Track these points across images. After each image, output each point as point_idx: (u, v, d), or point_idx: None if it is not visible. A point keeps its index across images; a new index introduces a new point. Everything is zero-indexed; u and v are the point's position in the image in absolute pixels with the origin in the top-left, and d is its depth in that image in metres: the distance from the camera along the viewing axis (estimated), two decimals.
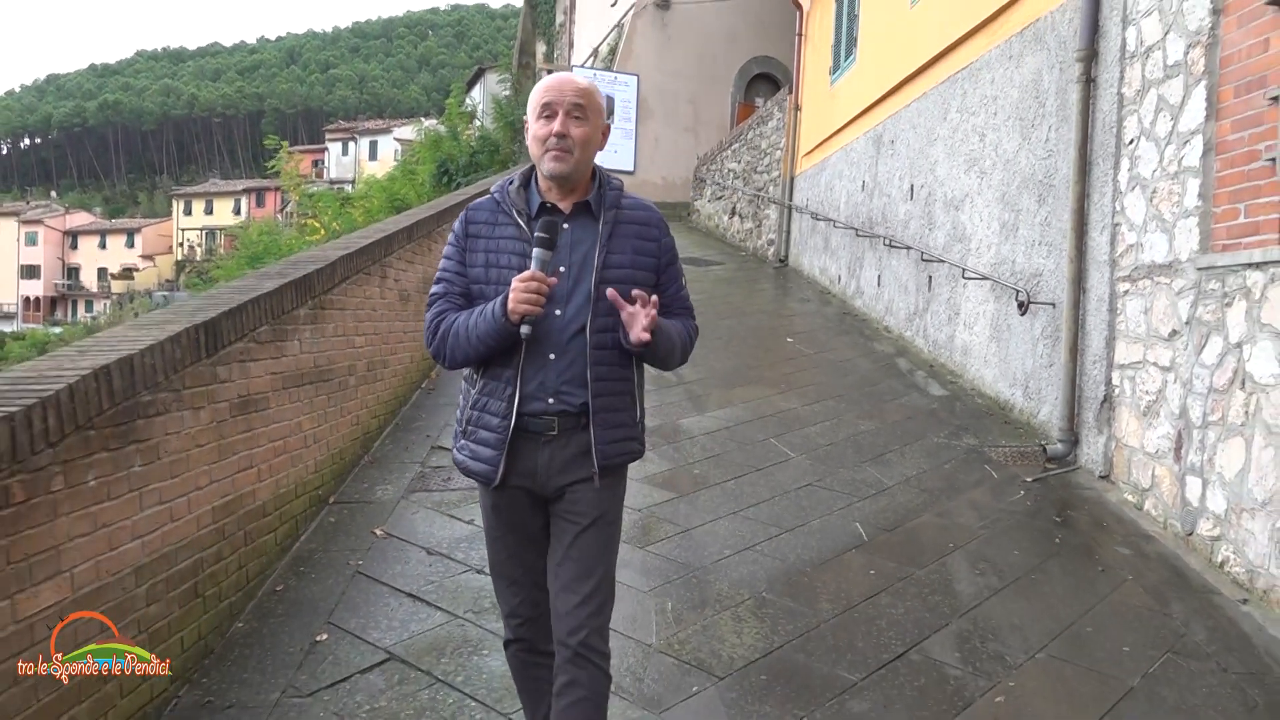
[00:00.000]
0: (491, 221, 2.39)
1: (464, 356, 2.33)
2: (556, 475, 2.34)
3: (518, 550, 2.43)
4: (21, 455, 2.39)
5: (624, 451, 2.41)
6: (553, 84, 2.36)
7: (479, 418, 2.36)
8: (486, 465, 2.33)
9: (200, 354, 3.43)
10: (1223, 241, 4.27)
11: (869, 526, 4.65)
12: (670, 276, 2.47)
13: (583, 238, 2.35)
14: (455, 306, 2.38)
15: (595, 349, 2.30)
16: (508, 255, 2.34)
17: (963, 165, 7.63)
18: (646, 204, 2.50)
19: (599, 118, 2.37)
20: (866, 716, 3.10)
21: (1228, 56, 4.28)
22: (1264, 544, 3.82)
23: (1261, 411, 3.88)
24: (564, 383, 2.30)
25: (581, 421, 2.32)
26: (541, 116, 2.33)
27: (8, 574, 2.35)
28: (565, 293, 2.30)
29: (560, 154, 2.29)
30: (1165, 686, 3.29)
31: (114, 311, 60.32)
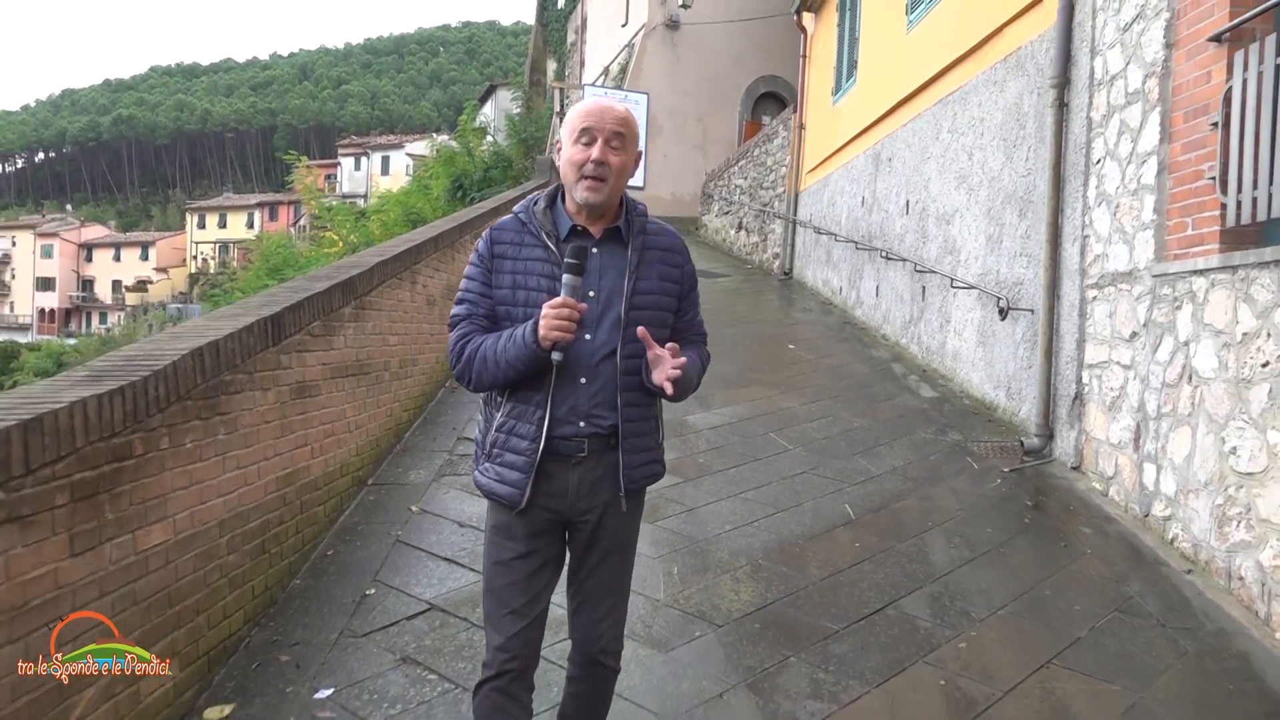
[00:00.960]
0: (517, 242, 2.37)
1: (491, 380, 2.32)
2: (585, 497, 2.36)
3: (528, 577, 2.39)
4: (140, 417, 2.90)
5: (649, 474, 2.46)
6: (594, 109, 2.34)
7: (506, 440, 2.35)
8: (513, 488, 2.33)
9: (268, 342, 3.95)
10: (1174, 251, 4.76)
11: (857, 508, 5.14)
12: (690, 302, 2.52)
13: (611, 263, 2.36)
14: (480, 328, 2.36)
15: (625, 374, 2.33)
16: (535, 277, 2.33)
17: (953, 182, 8.14)
18: (670, 229, 2.51)
19: (635, 146, 2.39)
20: (845, 656, 3.58)
21: (1178, 86, 4.79)
22: (1206, 520, 4.30)
23: (1204, 402, 4.36)
24: (595, 406, 2.32)
25: (610, 443, 2.35)
26: (579, 141, 2.32)
27: (131, 512, 2.85)
28: (594, 318, 2.31)
29: (596, 183, 2.30)
30: (1108, 637, 3.76)
31: (128, 323, 61.05)
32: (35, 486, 2.38)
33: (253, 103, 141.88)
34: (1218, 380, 4.26)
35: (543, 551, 2.39)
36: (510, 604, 2.37)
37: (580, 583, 2.45)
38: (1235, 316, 4.15)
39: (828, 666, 3.52)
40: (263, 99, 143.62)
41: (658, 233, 2.46)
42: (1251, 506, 3.96)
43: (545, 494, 2.34)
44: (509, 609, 2.37)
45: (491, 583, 2.42)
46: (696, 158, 21.93)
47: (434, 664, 3.47)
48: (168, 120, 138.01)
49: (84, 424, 2.58)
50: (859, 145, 11.47)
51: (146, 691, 2.93)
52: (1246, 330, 4.06)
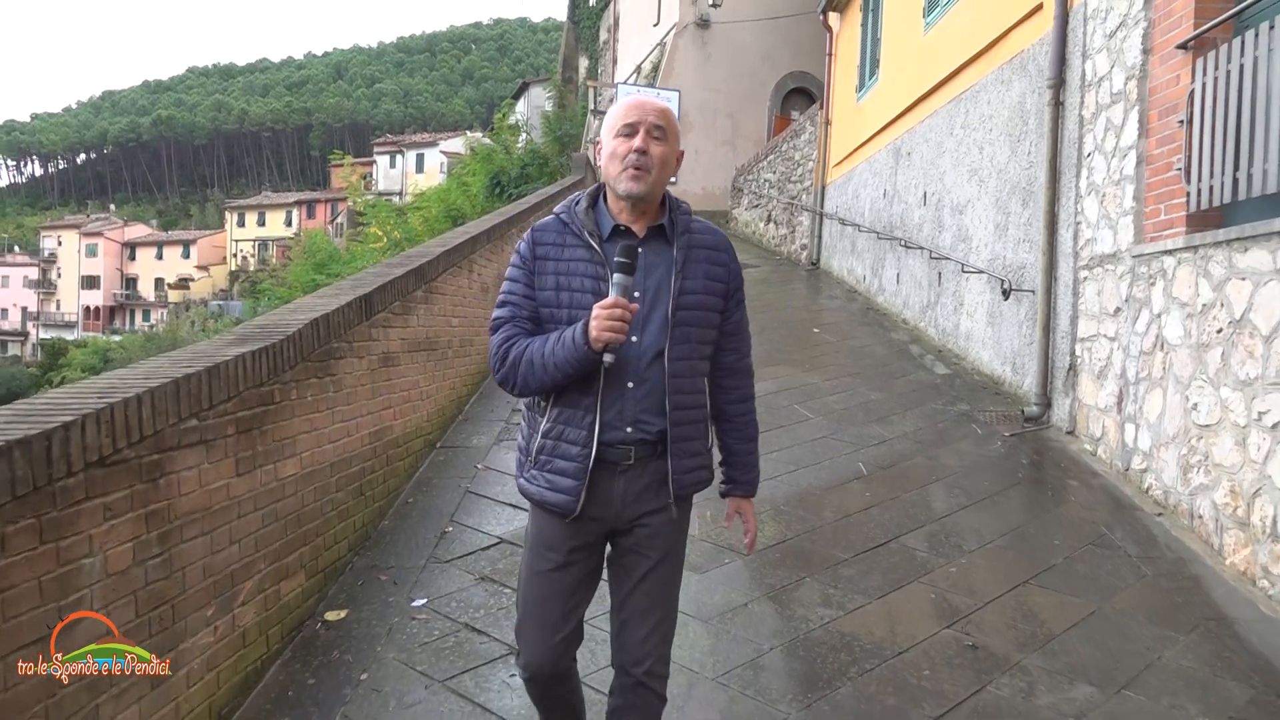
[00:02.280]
0: (559, 243, 2.33)
1: (539, 385, 2.27)
2: (633, 504, 2.31)
3: (568, 588, 2.36)
4: (278, 371, 3.62)
5: (698, 481, 2.41)
6: (635, 103, 2.33)
7: (555, 446, 2.30)
8: (566, 496, 2.28)
9: (362, 317, 4.66)
10: (1150, 234, 5.36)
11: (869, 465, 5.79)
12: (736, 301, 2.47)
13: (657, 263, 2.31)
14: (524, 331, 2.31)
15: (673, 376, 2.28)
16: (579, 278, 2.29)
17: (966, 175, 8.74)
18: (714, 228, 2.47)
19: (676, 141, 2.36)
20: (851, 578, 4.25)
21: (1153, 87, 5.39)
22: (1173, 469, 4.91)
23: (1172, 366, 4.97)
24: (642, 411, 2.28)
25: (658, 450, 2.31)
26: (621, 135, 2.30)
27: (273, 447, 3.57)
28: (641, 319, 2.26)
29: (639, 172, 2.25)
30: (1080, 564, 4.40)
31: (171, 320, 62.52)
32: (215, 418, 3.10)
33: (288, 102, 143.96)
34: (1183, 346, 4.87)
35: (583, 564, 2.36)
36: (545, 617, 2.34)
37: (625, 596, 2.37)
38: (1197, 290, 4.76)
39: (836, 585, 4.19)
40: (298, 98, 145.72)
41: (703, 231, 2.41)
42: (1208, 454, 4.57)
43: (592, 502, 2.29)
44: (543, 621, 2.34)
45: (528, 594, 2.39)
46: (727, 153, 22.54)
47: (507, 581, 4.17)
48: (206, 120, 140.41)
49: (242, 374, 3.30)
50: (881, 140, 12.06)
51: (287, 590, 3.65)
52: (1205, 302, 4.67)
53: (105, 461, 2.48)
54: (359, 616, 3.91)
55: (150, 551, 2.70)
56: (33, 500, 2.20)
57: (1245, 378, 4.28)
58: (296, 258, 35.17)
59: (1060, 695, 3.33)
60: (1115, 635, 3.75)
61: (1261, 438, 4.13)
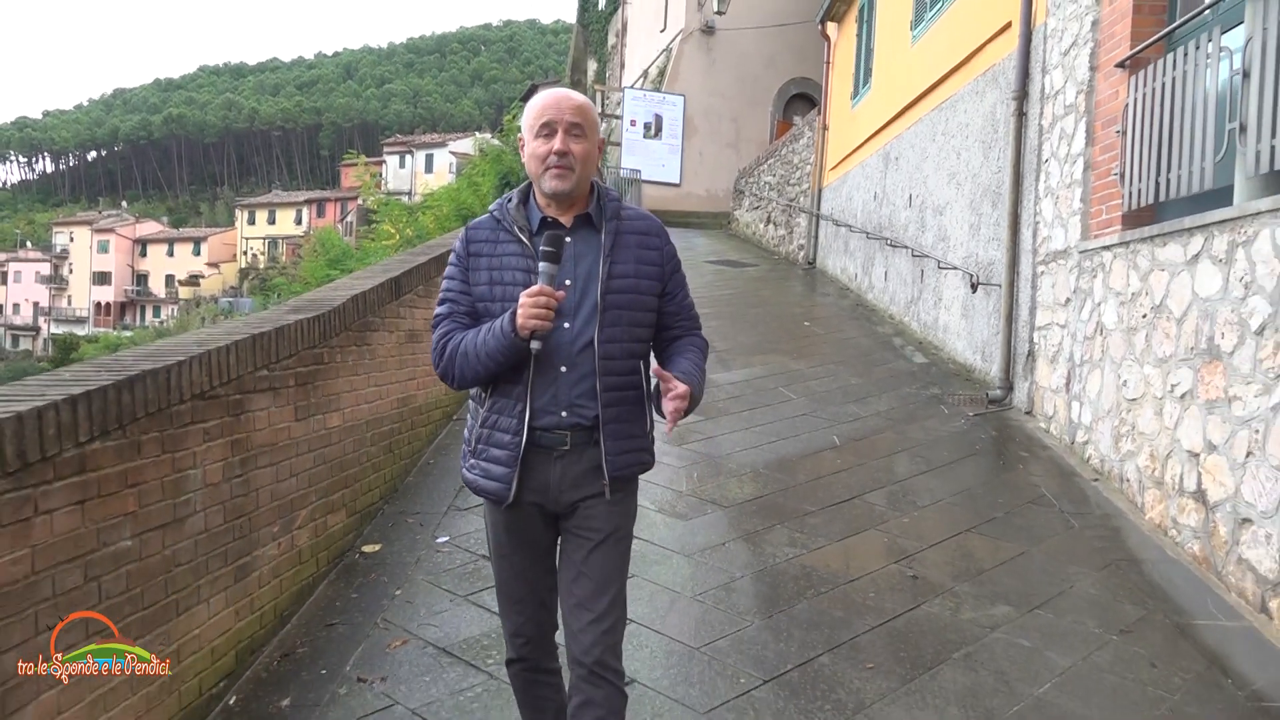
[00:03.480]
0: (493, 240, 2.40)
1: (474, 375, 2.33)
2: (569, 490, 2.35)
3: (524, 568, 2.45)
4: (327, 337, 4.27)
5: (635, 463, 2.43)
6: (549, 102, 2.35)
7: (490, 435, 2.36)
8: (499, 483, 2.34)
9: (392, 297, 5.32)
10: (1094, 232, 6.00)
11: (842, 438, 6.44)
12: (676, 283, 2.51)
13: (586, 250, 2.36)
14: (461, 326, 2.37)
15: (604, 359, 2.32)
16: (511, 271, 2.35)
17: (945, 178, 9.37)
18: (646, 214, 2.52)
19: (596, 133, 2.39)
20: (816, 525, 4.90)
21: (1098, 101, 6.03)
22: (1108, 440, 5.54)
23: (1109, 349, 5.61)
24: (576, 396, 2.32)
25: (594, 436, 2.34)
26: (540, 135, 2.33)
27: (321, 401, 4.23)
28: (572, 305, 2.31)
29: (562, 171, 2.31)
30: (1018, 518, 5.04)
31: (182, 316, 63.33)
32: (280, 371, 3.76)
33: (298, 101, 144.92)
34: (1116, 331, 5.51)
35: (536, 543, 2.44)
36: (513, 594, 2.47)
37: (570, 583, 2.39)
38: (1128, 280, 5.40)
39: (803, 530, 4.84)
40: (308, 98, 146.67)
41: (633, 216, 2.46)
42: (1134, 424, 5.21)
43: (529, 488, 2.34)
44: (513, 599, 2.47)
45: (496, 575, 2.52)
46: (730, 156, 23.18)
47: None
48: (216, 119, 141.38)
49: (300, 336, 3.95)
50: (873, 145, 12.70)
51: (332, 523, 4.31)
52: (1134, 290, 5.31)
53: (204, 395, 3.13)
54: (391, 550, 4.57)
55: (234, 472, 3.36)
56: (157, 418, 2.85)
57: (1163, 355, 4.91)
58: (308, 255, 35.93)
59: (982, 612, 3.97)
60: (1037, 571, 4.39)
61: (1173, 407, 4.76)
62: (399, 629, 3.79)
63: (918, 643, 3.72)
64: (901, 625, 3.86)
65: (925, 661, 3.57)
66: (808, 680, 3.41)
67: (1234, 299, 4.27)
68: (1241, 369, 4.17)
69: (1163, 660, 3.60)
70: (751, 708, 3.23)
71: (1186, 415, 4.63)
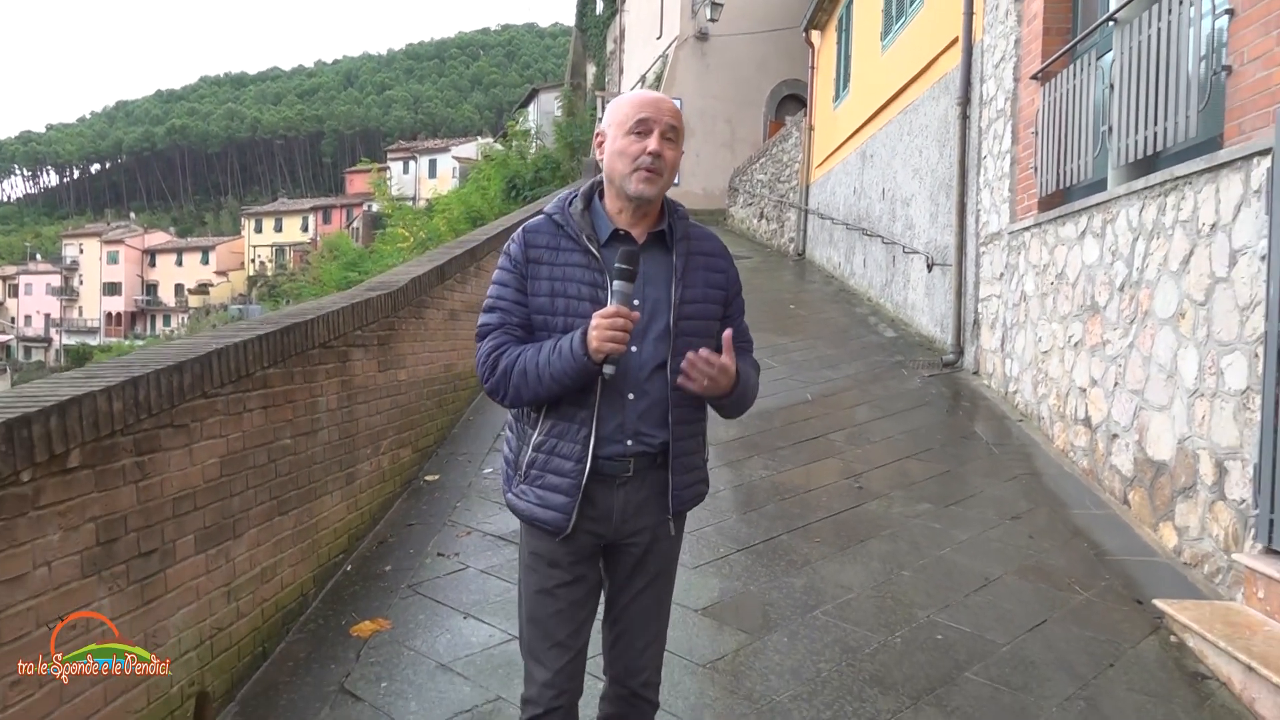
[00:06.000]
0: (553, 246, 2.22)
1: (532, 396, 2.16)
2: (631, 519, 2.24)
3: (571, 608, 2.27)
4: (396, 309, 5.46)
5: (696, 495, 2.35)
6: (648, 100, 2.23)
7: (547, 461, 2.20)
8: (558, 513, 2.19)
9: (438, 280, 6.51)
10: (1018, 216, 7.18)
11: (814, 394, 7.63)
12: (736, 308, 2.41)
13: (656, 270, 2.22)
14: (515, 339, 2.20)
15: (675, 389, 2.19)
16: (575, 284, 2.18)
17: (910, 174, 10.55)
18: (710, 233, 2.40)
19: (683, 143, 2.28)
20: (785, 454, 6.08)
21: (1020, 107, 7.21)
22: (1029, 387, 6.72)
23: (1029, 313, 6.79)
24: (643, 423, 2.20)
25: (658, 462, 2.23)
26: (633, 132, 2.18)
27: (393, 359, 5.42)
28: (641, 329, 2.16)
29: (652, 175, 2.17)
30: (951, 448, 6.23)
31: (192, 324, 64.57)
32: (368, 333, 4.95)
33: (300, 110, 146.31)
34: (1034, 297, 6.69)
35: (587, 579, 2.29)
36: (556, 635, 2.26)
37: (620, 610, 2.33)
38: (1040, 255, 6.58)
39: (775, 459, 6.03)
40: (309, 106, 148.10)
41: (701, 237, 2.34)
42: (1046, 372, 6.38)
43: (588, 517, 2.21)
44: (554, 641, 2.26)
45: (535, 613, 2.29)
46: (725, 155, 24.37)
47: None
48: (219, 129, 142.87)
49: (377, 309, 5.14)
50: (852, 144, 13.87)
51: (403, 456, 5.51)
52: (1045, 263, 6.49)
53: (326, 345, 4.33)
54: (448, 478, 5.78)
55: (344, 404, 4.56)
56: (296, 360, 4.03)
57: (1064, 314, 6.10)
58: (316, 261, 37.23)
59: (908, 508, 5.16)
60: (957, 482, 5.59)
61: (1070, 354, 5.94)
62: (463, 526, 4.99)
63: (855, 527, 4.91)
64: (845, 517, 5.05)
65: (859, 537, 4.76)
66: (770, 549, 4.61)
67: (1105, 264, 5.45)
68: (1110, 319, 5.35)
69: (1040, 534, 4.79)
70: (728, 564, 4.43)
71: (1078, 359, 5.82)
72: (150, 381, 2.81)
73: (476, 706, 3.24)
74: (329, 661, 3.63)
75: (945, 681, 3.42)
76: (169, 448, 2.96)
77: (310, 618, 4.00)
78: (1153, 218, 4.88)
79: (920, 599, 4.09)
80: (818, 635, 3.76)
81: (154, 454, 2.87)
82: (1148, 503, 4.78)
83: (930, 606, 4.01)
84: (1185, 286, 4.51)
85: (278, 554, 3.76)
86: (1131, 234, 5.13)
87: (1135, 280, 5.05)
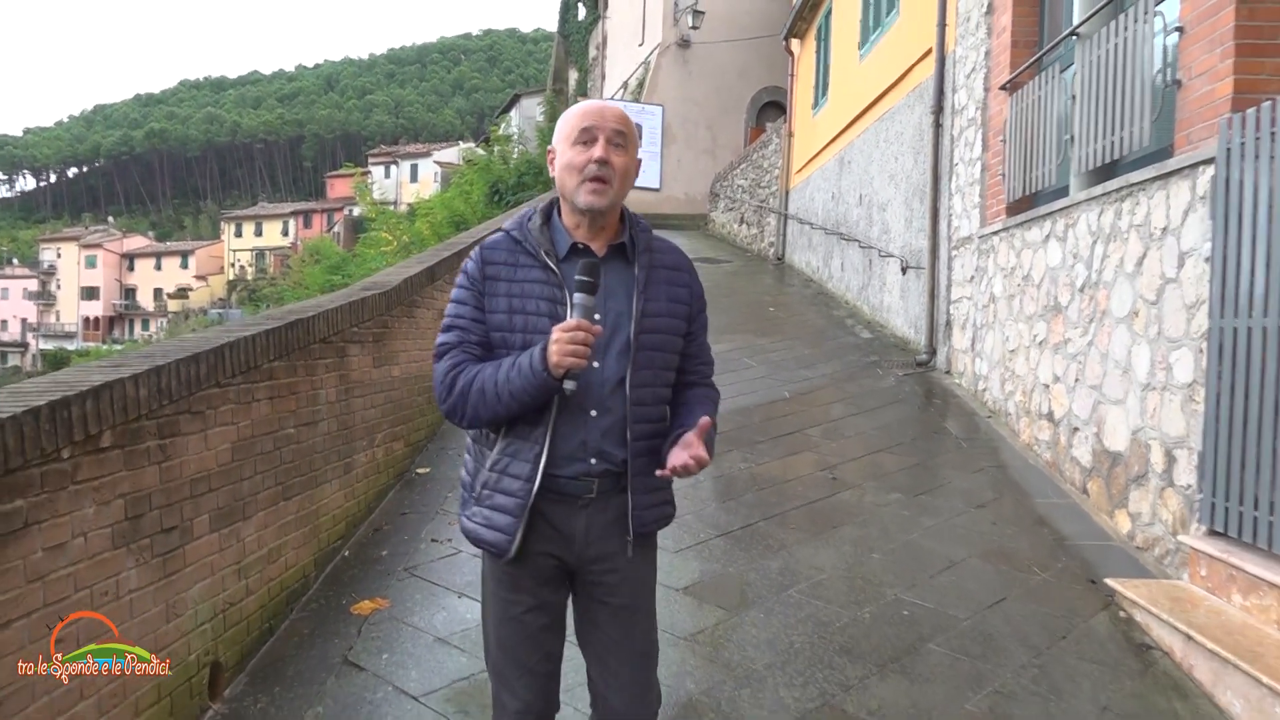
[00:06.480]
0: (512, 263, 2.18)
1: (491, 415, 2.11)
2: (596, 542, 2.18)
3: (538, 633, 2.22)
4: (390, 308, 5.68)
5: (661, 516, 2.28)
6: (592, 109, 2.19)
7: (498, 480, 2.15)
8: (501, 534, 2.14)
9: (429, 281, 6.73)
10: (988, 221, 7.46)
11: (792, 392, 7.89)
12: (700, 325, 2.35)
13: (617, 284, 2.18)
14: (473, 358, 2.15)
15: (636, 404, 2.15)
16: (534, 300, 2.13)
17: (886, 180, 10.85)
18: (674, 246, 2.36)
19: (635, 150, 2.23)
20: (764, 448, 6.33)
21: (990, 116, 7.50)
22: (997, 385, 7.00)
23: (998, 313, 7.07)
24: (605, 441, 2.14)
25: (621, 482, 2.17)
26: (579, 142, 2.15)
27: (387, 355, 5.63)
28: (602, 344, 2.12)
29: (599, 185, 2.13)
30: (922, 442, 6.49)
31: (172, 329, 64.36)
32: (364, 329, 5.17)
33: (280, 114, 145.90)
34: (1002, 298, 6.97)
35: (553, 603, 2.24)
36: (526, 662, 2.21)
37: (604, 651, 2.24)
38: (1008, 258, 6.86)
39: (753, 451, 6.27)
40: (290, 110, 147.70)
41: (664, 250, 2.30)
42: (1013, 369, 6.66)
43: (548, 539, 2.16)
44: (524, 668, 2.22)
45: (503, 641, 2.24)
46: (707, 161, 24.68)
47: None
48: (198, 133, 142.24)
49: (371, 308, 5.36)
50: (830, 151, 14.16)
51: (396, 449, 5.73)
52: (1012, 265, 6.77)
53: (325, 340, 4.54)
54: (439, 470, 5.99)
55: (342, 396, 4.77)
56: (299, 354, 4.25)
57: (1029, 314, 6.38)
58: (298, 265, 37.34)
59: (880, 498, 5.42)
60: (926, 474, 5.85)
61: (1035, 353, 6.22)
62: (454, 514, 5.19)
63: (829, 514, 5.16)
64: (819, 506, 5.30)
65: (832, 524, 5.02)
66: (748, 534, 4.86)
67: (1068, 267, 5.74)
68: (1072, 318, 5.64)
69: (1003, 521, 5.06)
70: (708, 548, 4.68)
71: (1042, 357, 6.10)
72: (171, 370, 3.03)
73: (473, 675, 3.47)
74: (332, 636, 3.84)
75: (909, 652, 3.68)
76: (187, 432, 3.17)
77: (312, 598, 4.21)
78: (1110, 222, 5.16)
79: (888, 579, 4.34)
80: (792, 611, 4.01)
81: (174, 438, 3.08)
82: (1105, 491, 5.06)
83: (897, 586, 4.27)
84: (1139, 287, 4.79)
85: (282, 536, 3.98)
86: (1091, 237, 5.41)
87: (1094, 281, 5.33)
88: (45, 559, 2.44)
